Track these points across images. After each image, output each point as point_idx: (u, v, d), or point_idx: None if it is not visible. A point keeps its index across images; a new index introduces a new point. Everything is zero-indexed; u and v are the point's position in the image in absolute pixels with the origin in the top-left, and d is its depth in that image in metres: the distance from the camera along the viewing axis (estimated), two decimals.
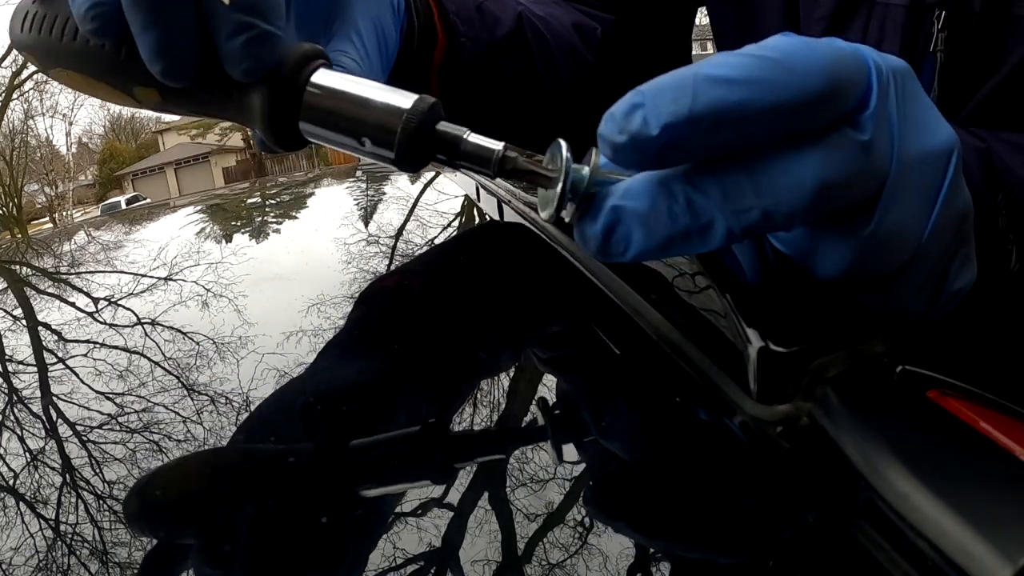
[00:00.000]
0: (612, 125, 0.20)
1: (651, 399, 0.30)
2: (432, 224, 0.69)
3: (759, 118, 0.19)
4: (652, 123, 0.19)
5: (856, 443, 0.20)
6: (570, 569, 0.20)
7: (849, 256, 0.22)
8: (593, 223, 0.22)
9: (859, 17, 0.39)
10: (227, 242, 0.74)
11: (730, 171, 0.20)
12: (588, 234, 0.22)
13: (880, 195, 0.21)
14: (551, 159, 0.23)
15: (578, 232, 0.23)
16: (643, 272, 0.35)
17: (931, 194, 0.22)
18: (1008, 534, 0.15)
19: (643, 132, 0.19)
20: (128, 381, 0.37)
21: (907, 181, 0.22)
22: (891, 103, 0.22)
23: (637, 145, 0.20)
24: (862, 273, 0.23)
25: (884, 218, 0.22)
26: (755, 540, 0.21)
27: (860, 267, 0.22)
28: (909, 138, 0.22)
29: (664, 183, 0.21)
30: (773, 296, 0.26)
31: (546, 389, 0.32)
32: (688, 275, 0.29)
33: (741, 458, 0.24)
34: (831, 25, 0.40)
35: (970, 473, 0.18)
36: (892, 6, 0.38)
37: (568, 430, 0.28)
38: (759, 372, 0.23)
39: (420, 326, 0.40)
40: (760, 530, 0.21)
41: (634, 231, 0.21)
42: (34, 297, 0.62)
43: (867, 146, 0.21)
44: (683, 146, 0.20)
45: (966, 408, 0.21)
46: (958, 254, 0.24)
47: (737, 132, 0.20)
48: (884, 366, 0.23)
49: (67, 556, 0.23)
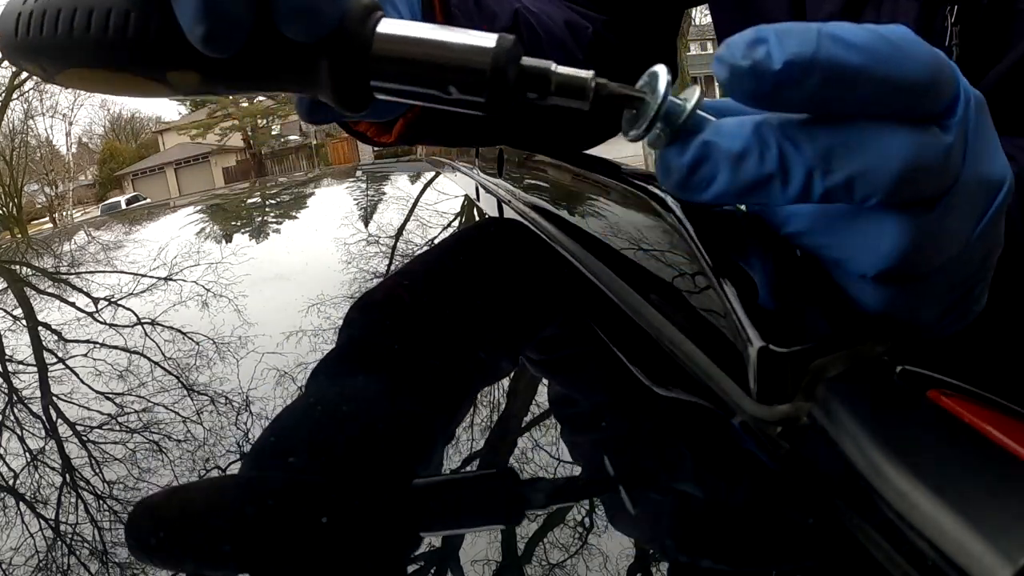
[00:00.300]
0: (734, 51, 0.21)
1: (651, 399, 0.30)
2: (432, 224, 0.69)
3: (868, 85, 0.20)
4: (776, 57, 0.20)
5: (856, 443, 0.20)
6: (570, 569, 0.20)
7: (905, 241, 0.23)
8: (680, 155, 0.23)
9: (868, 13, 0.39)
10: (227, 242, 0.74)
11: (826, 131, 0.21)
12: (672, 164, 0.23)
13: (942, 198, 0.22)
14: (645, 85, 0.24)
15: (662, 162, 0.23)
16: (643, 272, 0.35)
17: (977, 215, 0.24)
18: (1008, 534, 0.15)
19: (765, 63, 0.20)
20: (128, 381, 0.37)
21: (964, 195, 0.23)
22: (971, 120, 0.23)
23: (757, 74, 0.20)
24: (906, 265, 0.23)
25: (943, 217, 0.23)
26: (755, 540, 0.21)
27: (910, 256, 0.23)
28: (974, 159, 0.23)
29: (759, 128, 0.22)
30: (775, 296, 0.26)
31: (545, 389, 0.32)
32: (688, 275, 0.29)
33: (741, 458, 0.24)
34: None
35: (970, 473, 0.18)
36: (902, 1, 0.38)
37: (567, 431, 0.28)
38: (759, 372, 0.23)
39: (424, 330, 0.40)
40: (760, 530, 0.21)
41: (720, 170, 0.22)
42: (34, 297, 0.62)
43: (948, 149, 0.22)
44: (797, 87, 0.20)
45: (966, 408, 0.21)
46: (982, 280, 0.26)
47: (845, 92, 0.21)
48: (884, 366, 0.23)
49: (67, 556, 0.23)
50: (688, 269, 0.28)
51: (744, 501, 0.23)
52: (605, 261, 0.40)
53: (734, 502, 0.23)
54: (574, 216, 0.46)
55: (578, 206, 0.46)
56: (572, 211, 0.47)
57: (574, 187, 0.46)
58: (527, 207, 0.56)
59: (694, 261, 0.27)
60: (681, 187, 0.23)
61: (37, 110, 17.59)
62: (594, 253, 0.41)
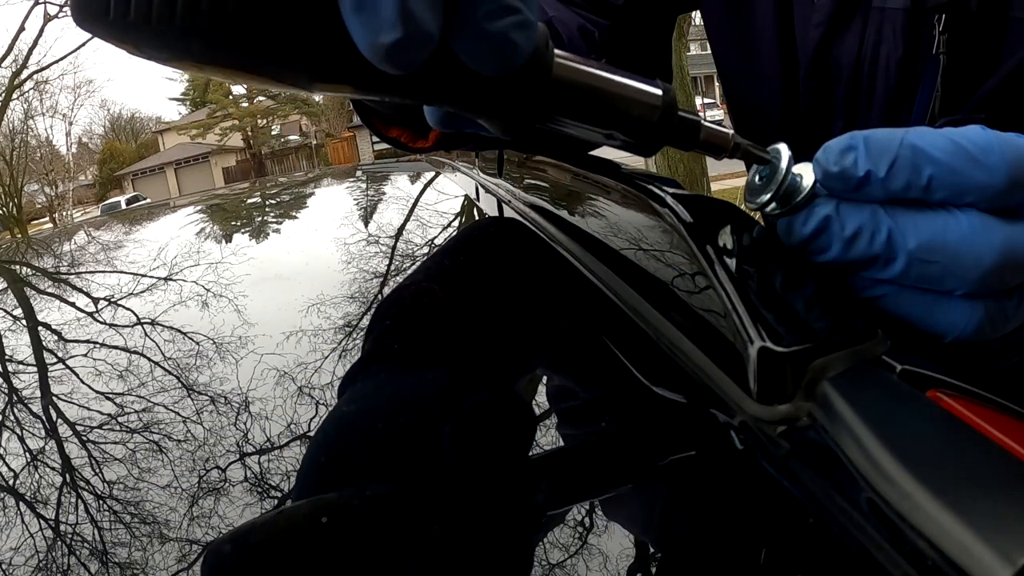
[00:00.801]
0: (829, 157, 0.25)
1: (650, 399, 0.30)
2: (432, 224, 0.69)
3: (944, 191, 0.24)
4: (861, 166, 0.24)
5: (856, 443, 0.20)
6: (570, 569, 0.20)
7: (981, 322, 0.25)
8: (804, 224, 0.26)
9: (856, 22, 0.40)
10: (227, 242, 0.74)
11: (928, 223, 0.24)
12: (795, 231, 0.26)
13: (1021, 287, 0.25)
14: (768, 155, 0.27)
15: (785, 225, 0.27)
16: (643, 272, 0.35)
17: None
18: (1008, 534, 0.15)
19: (852, 171, 0.25)
20: (128, 381, 0.37)
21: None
22: None
23: (844, 178, 0.25)
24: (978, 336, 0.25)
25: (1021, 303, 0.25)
26: (755, 540, 0.21)
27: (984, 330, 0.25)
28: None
29: (874, 213, 0.25)
30: (774, 296, 0.26)
31: (545, 389, 0.32)
32: (688, 275, 0.28)
33: (741, 458, 0.24)
34: (829, 30, 0.41)
35: (970, 473, 0.18)
36: (889, 10, 0.38)
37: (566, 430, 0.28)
38: (759, 372, 0.23)
39: (424, 331, 0.40)
40: (760, 530, 0.21)
41: (834, 242, 0.25)
42: (34, 297, 0.62)
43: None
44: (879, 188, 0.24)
45: (966, 408, 0.21)
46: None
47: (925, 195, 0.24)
48: (884, 366, 0.23)
49: (67, 556, 0.23)
50: (688, 269, 0.28)
51: (744, 501, 0.23)
52: (605, 261, 0.39)
53: (734, 502, 0.23)
54: (574, 216, 0.46)
55: (578, 206, 0.46)
56: (572, 211, 0.47)
57: (574, 187, 0.46)
58: (527, 207, 0.56)
59: (694, 261, 0.27)
60: (799, 248, 0.26)
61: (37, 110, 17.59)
62: (594, 253, 0.41)
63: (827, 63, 0.41)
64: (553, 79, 0.23)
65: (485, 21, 0.20)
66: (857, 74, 0.40)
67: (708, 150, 0.27)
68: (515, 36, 0.20)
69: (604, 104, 0.24)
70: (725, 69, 0.52)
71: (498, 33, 0.20)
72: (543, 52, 0.23)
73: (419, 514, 0.22)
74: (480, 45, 0.20)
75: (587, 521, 0.22)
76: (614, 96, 0.24)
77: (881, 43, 0.39)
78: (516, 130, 0.25)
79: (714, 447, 0.25)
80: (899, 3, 0.37)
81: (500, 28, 0.20)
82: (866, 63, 0.40)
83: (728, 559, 0.21)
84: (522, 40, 0.20)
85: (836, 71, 0.41)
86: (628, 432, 0.28)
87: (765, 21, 0.45)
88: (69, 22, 10.20)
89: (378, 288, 0.48)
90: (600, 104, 0.24)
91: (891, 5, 0.38)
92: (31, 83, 15.45)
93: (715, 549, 0.21)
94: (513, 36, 0.20)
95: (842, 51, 0.40)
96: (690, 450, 0.26)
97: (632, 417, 0.29)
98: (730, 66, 0.51)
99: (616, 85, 0.24)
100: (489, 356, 0.36)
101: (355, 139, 19.25)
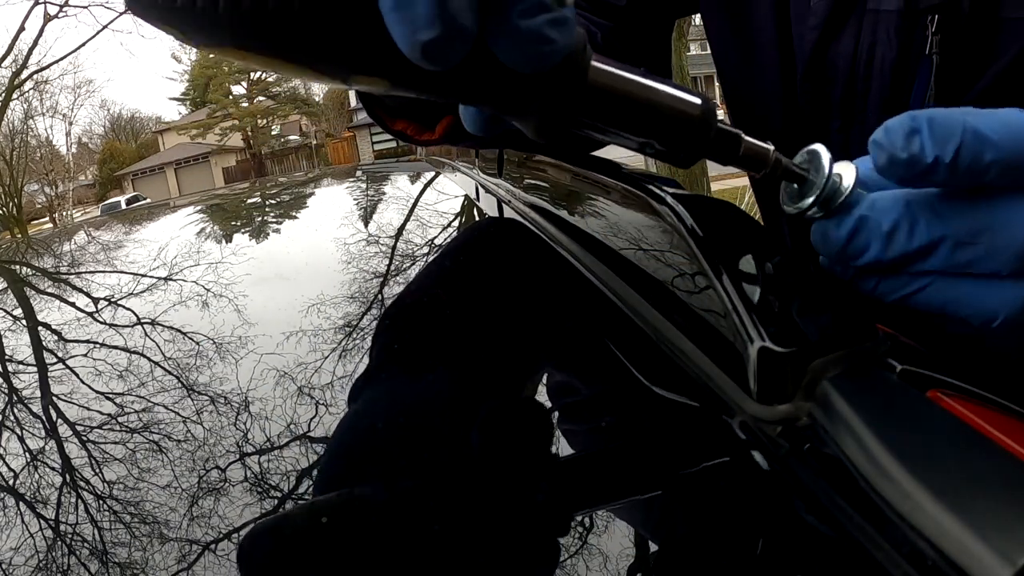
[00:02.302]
0: (893, 139, 0.23)
1: (650, 398, 0.30)
2: (432, 224, 0.69)
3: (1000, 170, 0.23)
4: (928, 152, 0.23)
5: (856, 443, 0.20)
6: (570, 569, 0.20)
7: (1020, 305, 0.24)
8: (838, 227, 0.25)
9: (851, 24, 0.40)
10: (227, 242, 0.74)
11: (964, 209, 0.24)
12: (831, 235, 0.25)
13: None
14: (804, 161, 0.26)
15: (821, 232, 0.26)
16: (643, 272, 0.35)
17: None
18: (1008, 534, 0.15)
19: (919, 156, 0.23)
20: (128, 381, 0.37)
21: None
22: None
23: (911, 164, 0.23)
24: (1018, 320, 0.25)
25: None
26: (755, 540, 0.21)
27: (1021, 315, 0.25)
28: None
29: (909, 206, 0.24)
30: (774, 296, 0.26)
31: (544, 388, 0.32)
32: (688, 275, 0.28)
33: (741, 458, 0.24)
34: (824, 32, 0.41)
35: (970, 473, 0.18)
36: (883, 12, 0.38)
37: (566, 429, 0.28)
38: (759, 372, 0.23)
39: (424, 331, 0.40)
40: (760, 530, 0.21)
41: (873, 240, 0.25)
42: (34, 297, 0.62)
43: None
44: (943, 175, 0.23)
45: (966, 408, 0.21)
46: None
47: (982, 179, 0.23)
48: (884, 366, 0.23)
49: (67, 556, 0.23)
50: (688, 269, 0.28)
51: (744, 501, 0.23)
52: (605, 261, 0.39)
53: (734, 502, 0.23)
54: (574, 216, 0.46)
55: (578, 206, 0.46)
56: (572, 211, 0.47)
57: (574, 187, 0.46)
58: (527, 207, 0.56)
59: (694, 261, 0.27)
60: (839, 256, 0.25)
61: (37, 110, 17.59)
62: (594, 253, 0.41)
63: (823, 65, 0.41)
64: (589, 82, 0.23)
65: (521, 18, 0.20)
66: (853, 75, 0.40)
67: (747, 165, 0.26)
68: (550, 33, 0.21)
69: (641, 111, 0.24)
70: (725, 69, 0.52)
71: (534, 30, 0.20)
72: (580, 53, 0.23)
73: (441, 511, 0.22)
74: (516, 42, 0.21)
75: (587, 521, 0.22)
76: (652, 103, 0.24)
77: (876, 44, 0.39)
78: (550, 132, 0.24)
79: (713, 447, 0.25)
80: (893, 5, 0.38)
81: (536, 25, 0.20)
82: (861, 64, 0.40)
83: (728, 559, 0.21)
84: (557, 37, 0.21)
85: (832, 72, 0.41)
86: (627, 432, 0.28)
87: (764, 22, 0.45)
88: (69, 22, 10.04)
89: (378, 288, 0.48)
90: (637, 111, 0.24)
91: (885, 7, 0.38)
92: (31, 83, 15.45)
93: (715, 549, 0.21)
94: (548, 33, 0.20)
95: (838, 53, 0.41)
96: (690, 450, 0.26)
97: (632, 417, 0.29)
98: (730, 66, 0.51)
99: (655, 92, 0.24)
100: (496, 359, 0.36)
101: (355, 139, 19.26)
